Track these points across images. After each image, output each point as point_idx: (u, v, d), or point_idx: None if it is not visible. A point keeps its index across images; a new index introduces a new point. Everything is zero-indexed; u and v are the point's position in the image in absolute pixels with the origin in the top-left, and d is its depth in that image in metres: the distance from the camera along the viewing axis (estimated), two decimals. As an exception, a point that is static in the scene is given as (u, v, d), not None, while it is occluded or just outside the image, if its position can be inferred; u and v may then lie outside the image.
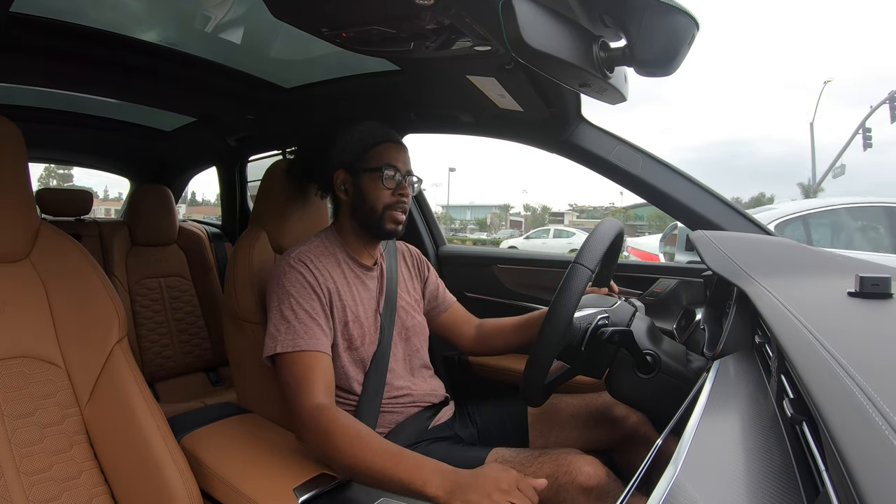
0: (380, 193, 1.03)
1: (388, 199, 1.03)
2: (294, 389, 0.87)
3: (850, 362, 0.37)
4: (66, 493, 0.75)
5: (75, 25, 1.11)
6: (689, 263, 1.42)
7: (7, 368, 0.76)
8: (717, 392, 0.58)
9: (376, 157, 1.04)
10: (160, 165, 2.51)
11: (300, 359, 0.90)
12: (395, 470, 0.74)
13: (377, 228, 1.05)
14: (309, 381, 0.87)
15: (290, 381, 0.88)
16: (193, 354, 2.03)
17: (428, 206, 1.81)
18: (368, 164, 1.03)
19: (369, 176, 1.03)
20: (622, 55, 0.76)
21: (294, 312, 0.93)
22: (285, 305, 0.94)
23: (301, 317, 0.93)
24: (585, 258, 0.82)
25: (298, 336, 0.91)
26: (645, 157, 1.25)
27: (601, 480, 0.86)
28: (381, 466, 0.75)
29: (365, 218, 1.04)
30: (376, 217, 1.03)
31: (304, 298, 0.94)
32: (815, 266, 0.87)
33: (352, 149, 1.05)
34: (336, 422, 0.81)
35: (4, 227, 0.80)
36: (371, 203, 1.03)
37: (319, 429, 0.81)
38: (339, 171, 1.06)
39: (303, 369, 0.89)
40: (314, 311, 0.95)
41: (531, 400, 0.90)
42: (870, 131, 11.91)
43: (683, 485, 0.39)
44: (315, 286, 0.97)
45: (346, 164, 1.05)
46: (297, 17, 0.80)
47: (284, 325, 0.92)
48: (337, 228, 1.10)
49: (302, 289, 0.95)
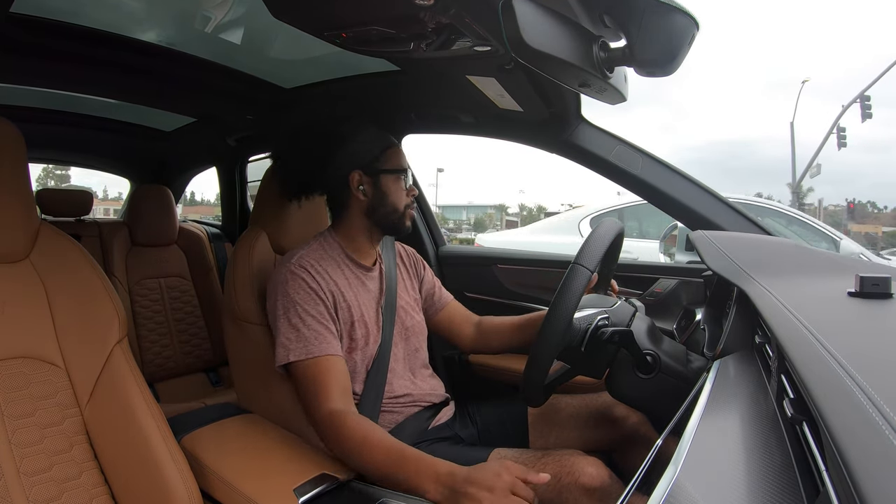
0: (401, 194, 1.07)
1: (407, 200, 1.08)
2: (311, 396, 0.90)
3: (850, 362, 0.37)
4: (67, 493, 0.75)
5: (75, 26, 1.11)
6: (689, 263, 1.42)
7: (7, 369, 0.76)
8: (717, 392, 0.58)
9: (394, 159, 1.07)
10: (160, 166, 2.51)
11: (314, 365, 0.91)
12: (396, 475, 0.78)
13: (396, 226, 1.08)
14: (323, 387, 0.89)
15: (307, 388, 0.91)
16: (193, 355, 2.03)
17: (428, 207, 1.81)
18: (387, 164, 1.06)
19: (391, 177, 1.06)
20: (622, 55, 0.76)
21: (302, 320, 0.94)
22: (292, 314, 0.94)
23: (309, 323, 0.94)
24: (585, 259, 0.82)
25: (310, 343, 0.92)
26: (645, 157, 1.25)
27: (604, 482, 0.86)
28: (385, 470, 0.79)
29: (384, 217, 1.07)
30: (397, 216, 1.07)
31: (309, 304, 0.95)
32: (816, 266, 0.87)
33: (369, 150, 1.06)
34: (345, 426, 0.84)
35: (4, 227, 0.79)
36: (394, 203, 1.06)
37: (333, 434, 0.85)
38: (354, 172, 1.06)
39: (316, 375, 0.91)
40: (321, 315, 0.96)
41: (531, 400, 0.90)
42: (844, 131, 12.08)
43: (684, 485, 0.39)
44: (318, 290, 0.97)
45: (363, 165, 1.06)
46: (297, 17, 0.80)
47: (294, 333, 0.93)
48: (337, 230, 1.10)
49: (306, 295, 0.96)
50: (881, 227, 26.26)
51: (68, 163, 2.71)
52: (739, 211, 1.20)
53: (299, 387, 0.92)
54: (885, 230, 24.93)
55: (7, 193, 0.79)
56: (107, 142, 2.25)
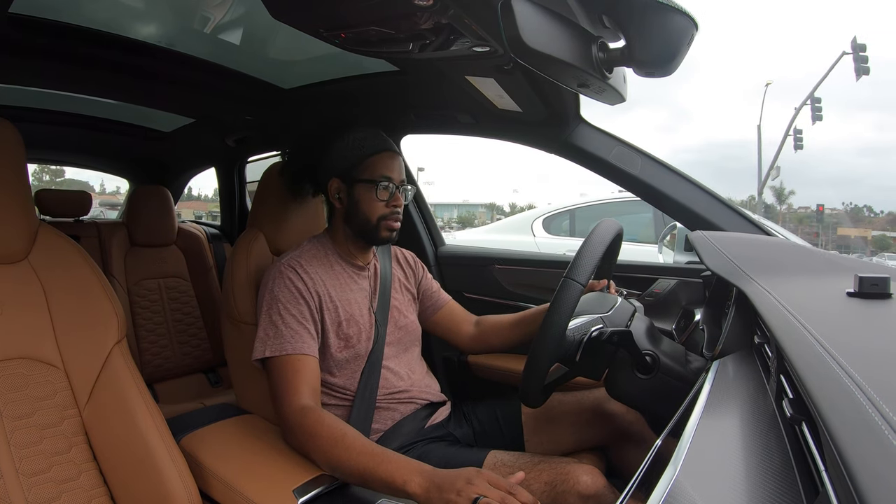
0: (374, 205, 1.04)
1: (383, 211, 1.05)
2: (281, 391, 0.90)
3: (849, 362, 0.37)
4: (66, 494, 0.75)
5: (74, 26, 1.10)
6: (688, 264, 1.42)
7: (6, 370, 0.76)
8: (716, 392, 0.58)
9: (371, 169, 1.04)
10: (159, 166, 2.51)
11: (287, 362, 0.92)
12: (376, 470, 0.76)
13: (371, 237, 1.07)
14: (294, 384, 0.90)
15: (277, 384, 0.92)
16: (192, 355, 2.03)
17: (427, 208, 1.81)
18: (363, 174, 1.04)
19: (364, 187, 1.04)
20: (621, 56, 0.76)
21: (282, 317, 0.95)
22: (273, 311, 0.96)
23: (288, 321, 0.95)
24: (576, 273, 0.81)
25: (285, 340, 0.94)
26: (644, 157, 1.25)
27: (598, 490, 0.86)
28: (363, 466, 0.77)
29: (359, 226, 1.06)
30: (370, 227, 1.06)
31: (291, 304, 0.97)
32: (815, 266, 0.87)
33: (346, 157, 1.05)
34: (320, 423, 0.84)
35: (3, 227, 0.79)
36: (365, 214, 1.05)
37: (304, 430, 0.84)
38: (333, 179, 1.07)
39: (289, 372, 0.92)
40: (301, 315, 0.97)
41: (530, 402, 0.90)
42: (801, 133, 12.21)
43: (683, 485, 0.39)
44: (304, 291, 0.98)
45: (340, 173, 1.06)
46: (296, 17, 0.80)
47: (273, 329, 0.95)
48: (331, 233, 1.11)
49: (290, 294, 0.97)
50: (870, 231, 26.44)
51: (67, 163, 2.71)
52: (739, 211, 1.20)
53: (271, 382, 0.93)
54: (874, 234, 25.11)
55: (6, 194, 0.79)
56: (106, 142, 2.25)
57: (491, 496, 0.68)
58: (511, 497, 0.69)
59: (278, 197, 1.18)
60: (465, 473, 0.72)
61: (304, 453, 0.85)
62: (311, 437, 0.83)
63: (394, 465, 0.76)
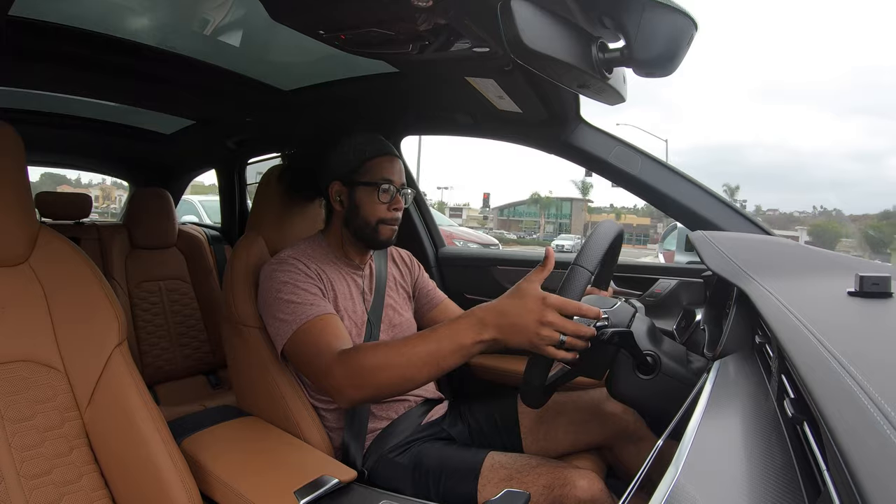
0: (375, 208, 1.05)
1: (383, 214, 1.06)
2: (313, 356, 0.89)
3: (850, 361, 0.37)
4: (67, 496, 0.75)
5: (74, 29, 1.11)
6: (689, 264, 1.42)
7: (6, 372, 0.76)
8: (717, 392, 0.58)
9: (372, 172, 1.05)
10: (159, 168, 2.51)
11: (311, 327, 0.92)
12: (438, 346, 0.78)
13: (370, 239, 1.08)
14: (323, 341, 0.89)
15: (308, 351, 0.90)
16: (193, 357, 2.03)
17: (427, 209, 1.81)
18: (364, 177, 1.05)
19: (365, 190, 1.05)
20: (621, 56, 0.76)
21: (294, 293, 0.95)
22: (283, 292, 0.96)
23: (301, 294, 0.95)
24: (585, 260, 0.82)
25: (306, 307, 0.94)
26: (644, 157, 1.25)
27: (595, 494, 0.86)
28: (425, 352, 0.79)
29: (359, 229, 1.07)
30: (370, 229, 1.06)
31: (300, 281, 0.97)
32: (815, 266, 0.87)
33: (348, 161, 1.06)
34: (359, 350, 0.85)
35: (4, 230, 0.79)
36: (365, 216, 1.06)
37: (349, 368, 0.83)
38: (334, 182, 1.07)
39: (316, 335, 0.91)
40: (312, 290, 0.97)
41: (531, 402, 0.90)
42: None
43: (684, 486, 0.39)
44: (309, 272, 1.00)
45: (341, 176, 1.07)
46: (296, 19, 0.80)
47: (289, 307, 0.94)
48: (326, 235, 1.12)
49: (297, 274, 0.98)
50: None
51: (67, 166, 2.71)
52: (739, 211, 1.20)
53: (302, 353, 0.91)
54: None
55: (6, 197, 0.79)
56: (106, 145, 2.25)
57: (568, 329, 0.75)
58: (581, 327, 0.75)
59: (277, 200, 1.18)
60: (533, 307, 0.76)
61: (362, 392, 0.84)
62: (359, 368, 0.82)
63: (450, 332, 0.78)
